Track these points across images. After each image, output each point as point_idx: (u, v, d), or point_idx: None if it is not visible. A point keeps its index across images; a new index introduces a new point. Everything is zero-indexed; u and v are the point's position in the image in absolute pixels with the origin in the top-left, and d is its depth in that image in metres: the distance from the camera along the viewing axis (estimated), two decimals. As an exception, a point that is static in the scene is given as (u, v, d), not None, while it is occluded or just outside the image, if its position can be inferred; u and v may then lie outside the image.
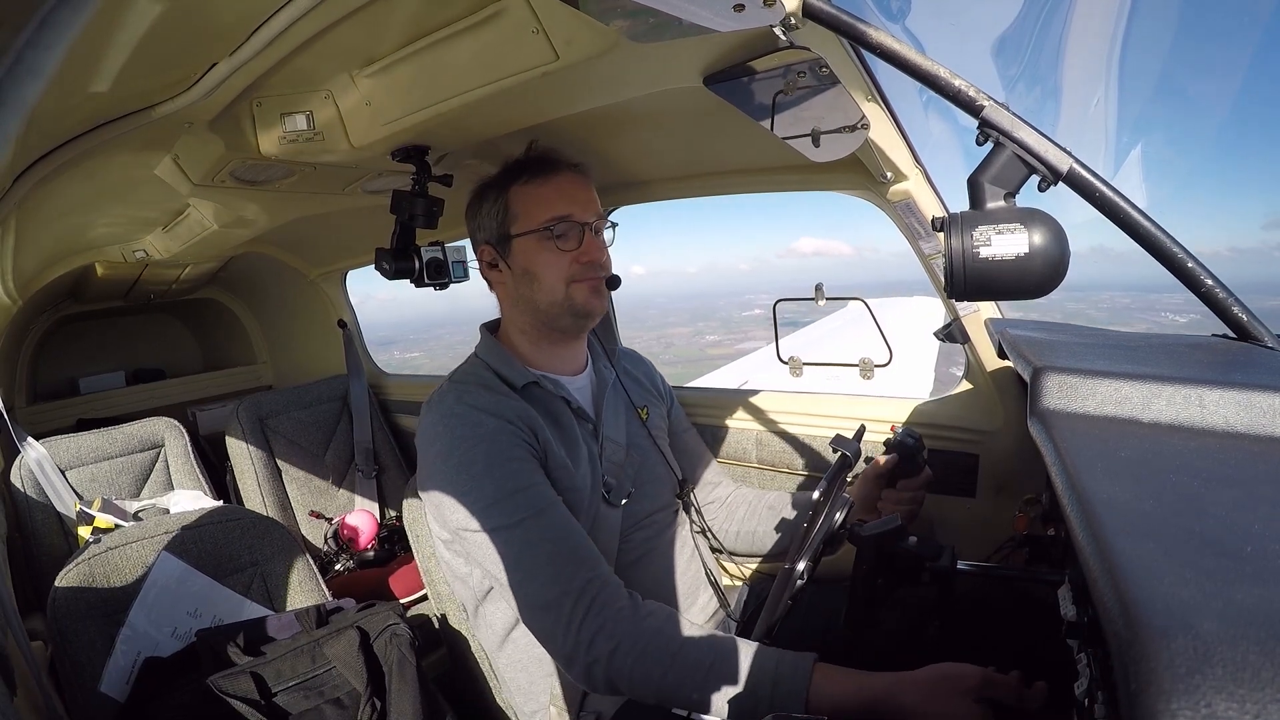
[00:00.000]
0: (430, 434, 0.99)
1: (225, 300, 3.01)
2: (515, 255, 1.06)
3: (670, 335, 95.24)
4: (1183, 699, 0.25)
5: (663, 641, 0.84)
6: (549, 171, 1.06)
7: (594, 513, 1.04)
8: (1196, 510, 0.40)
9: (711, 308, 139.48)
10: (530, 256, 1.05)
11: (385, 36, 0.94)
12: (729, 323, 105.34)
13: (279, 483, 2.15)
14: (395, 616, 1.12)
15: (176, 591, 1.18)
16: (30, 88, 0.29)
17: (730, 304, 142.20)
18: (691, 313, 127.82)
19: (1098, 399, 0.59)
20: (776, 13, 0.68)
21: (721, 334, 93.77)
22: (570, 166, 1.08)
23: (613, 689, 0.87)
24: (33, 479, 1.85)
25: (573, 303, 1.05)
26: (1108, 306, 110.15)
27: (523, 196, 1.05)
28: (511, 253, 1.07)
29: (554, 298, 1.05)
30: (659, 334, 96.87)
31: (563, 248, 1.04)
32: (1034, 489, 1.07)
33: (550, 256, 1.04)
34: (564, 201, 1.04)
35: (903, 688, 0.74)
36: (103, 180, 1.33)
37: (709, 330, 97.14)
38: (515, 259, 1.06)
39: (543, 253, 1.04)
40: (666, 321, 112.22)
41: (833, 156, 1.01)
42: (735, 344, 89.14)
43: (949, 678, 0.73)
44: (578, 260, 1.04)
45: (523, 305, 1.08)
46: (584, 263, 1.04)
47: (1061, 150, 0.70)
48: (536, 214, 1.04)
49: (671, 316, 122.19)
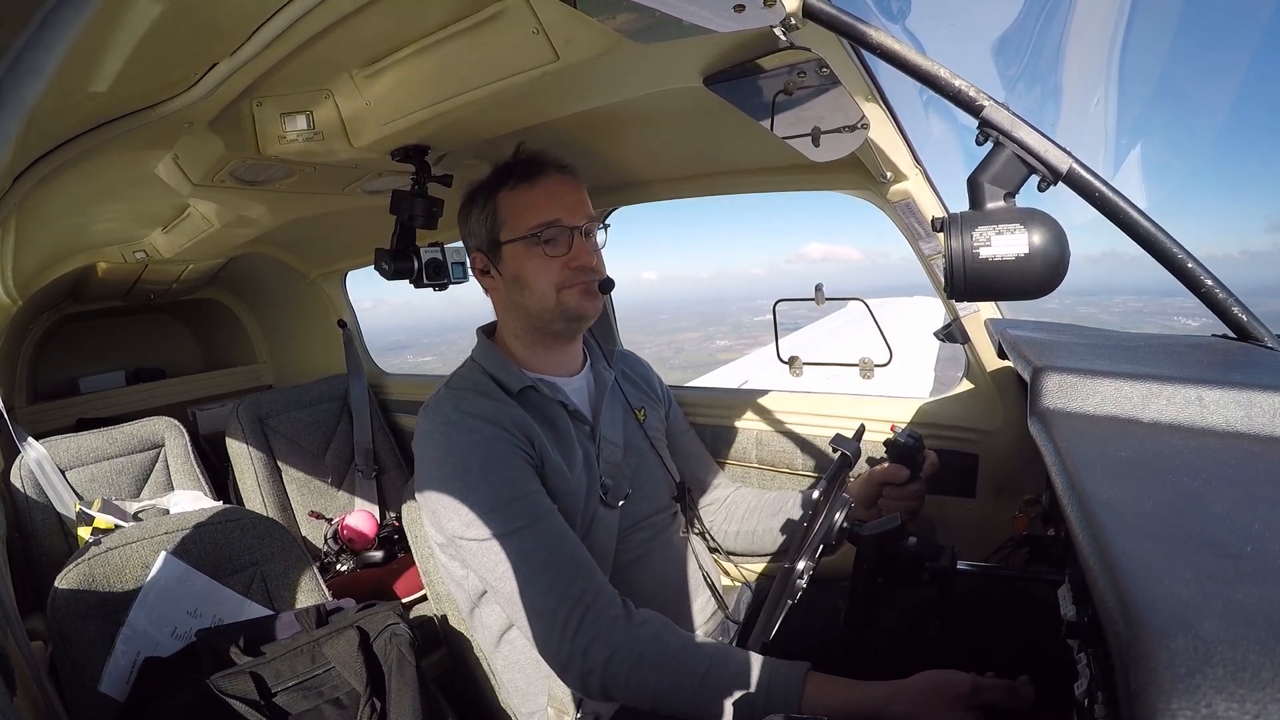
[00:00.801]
0: (427, 440, 0.99)
1: (225, 300, 3.01)
2: (505, 262, 1.06)
3: (681, 340, 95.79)
4: (1183, 699, 0.25)
5: (657, 649, 0.85)
6: (535, 175, 1.05)
7: (591, 514, 1.04)
8: (1196, 510, 0.40)
9: (723, 313, 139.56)
10: (519, 263, 1.04)
11: (385, 36, 0.94)
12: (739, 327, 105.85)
13: (279, 483, 2.15)
14: (395, 617, 1.12)
15: (176, 591, 1.18)
16: (30, 88, 0.29)
17: (742, 309, 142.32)
18: (703, 317, 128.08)
19: (1098, 399, 0.59)
20: (776, 13, 0.68)
21: (732, 338, 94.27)
22: (558, 168, 1.07)
23: (607, 696, 0.87)
24: (33, 479, 1.85)
25: (565, 307, 1.05)
26: (1120, 310, 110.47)
27: (509, 202, 1.04)
28: (502, 259, 1.06)
29: (545, 304, 1.04)
30: (670, 338, 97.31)
31: (551, 253, 1.03)
32: (1034, 489, 1.07)
33: (539, 263, 1.03)
34: (551, 206, 1.03)
35: (895, 697, 0.74)
36: (103, 180, 1.33)
37: (719, 335, 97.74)
38: (505, 265, 1.06)
39: (531, 259, 1.03)
40: (678, 326, 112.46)
41: (833, 156, 1.01)
42: (745, 349, 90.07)
43: (940, 686, 0.73)
44: (567, 265, 1.03)
45: (515, 311, 1.08)
46: (574, 268, 1.04)
47: (1061, 150, 0.70)
48: (524, 220, 1.03)
49: (683, 321, 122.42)
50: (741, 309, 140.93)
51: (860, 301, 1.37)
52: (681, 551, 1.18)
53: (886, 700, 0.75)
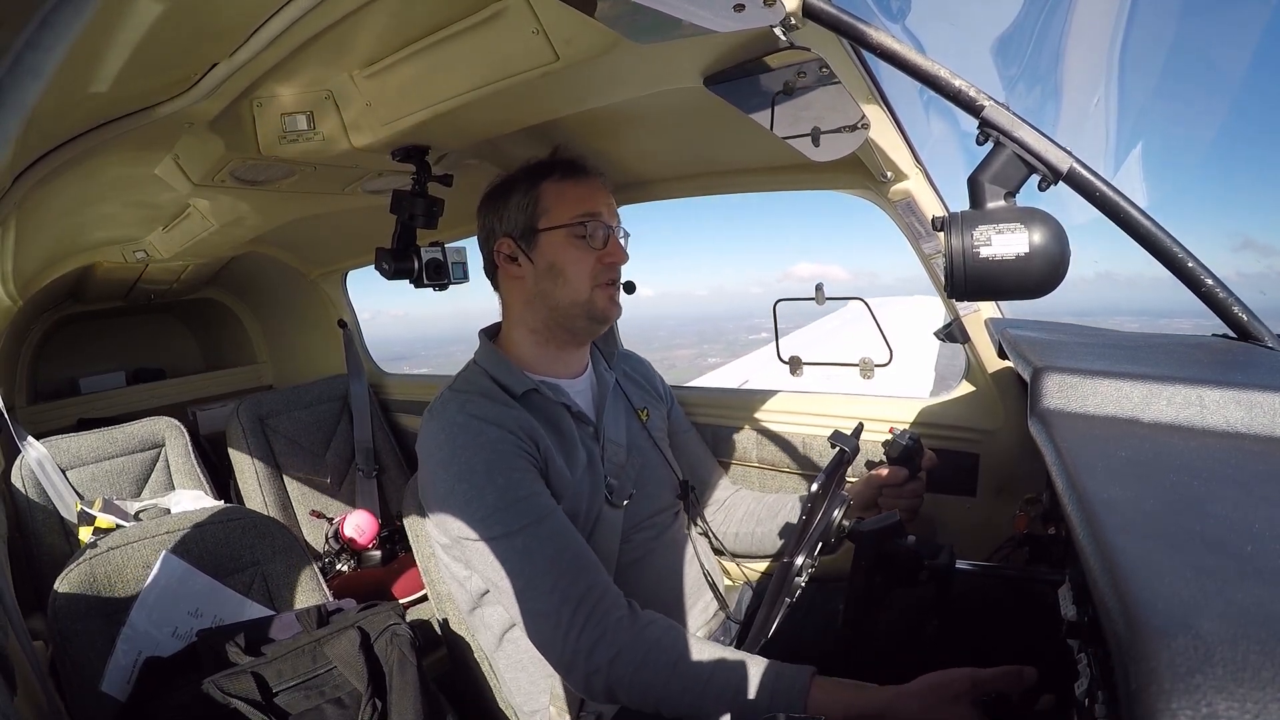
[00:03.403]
0: (431, 443, 0.99)
1: (225, 300, 3.01)
2: (541, 249, 1.07)
3: (674, 356, 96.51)
4: (1183, 699, 0.25)
5: (663, 651, 0.85)
6: (580, 174, 1.09)
7: (595, 515, 1.04)
8: (1197, 510, 0.40)
9: (719, 330, 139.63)
10: (558, 251, 1.06)
11: (385, 36, 0.94)
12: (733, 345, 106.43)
13: (279, 482, 2.15)
14: (396, 617, 1.12)
15: (177, 591, 1.18)
16: (30, 88, 0.29)
17: (738, 327, 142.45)
18: (699, 335, 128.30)
19: (1098, 399, 0.59)
20: (776, 13, 0.68)
21: (725, 356, 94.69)
22: (597, 173, 1.12)
23: (611, 698, 0.87)
24: (33, 479, 1.85)
25: (593, 306, 1.07)
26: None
27: (556, 192, 1.07)
28: (537, 246, 1.07)
29: (577, 297, 1.06)
30: (664, 355, 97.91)
31: (592, 245, 1.06)
32: (1034, 489, 1.07)
33: (578, 253, 1.06)
34: (595, 201, 1.08)
35: (900, 701, 0.74)
36: (103, 180, 1.33)
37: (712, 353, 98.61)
38: (540, 253, 1.07)
39: (571, 248, 1.06)
40: (673, 343, 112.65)
41: (833, 156, 1.01)
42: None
43: (941, 685, 0.73)
44: (602, 260, 1.06)
45: (539, 302, 1.09)
46: (607, 263, 1.07)
47: (1061, 150, 0.70)
48: (569, 209, 1.06)
49: (678, 338, 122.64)
50: (739, 327, 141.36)
51: (861, 301, 1.37)
52: (684, 551, 1.18)
53: (890, 702, 0.75)
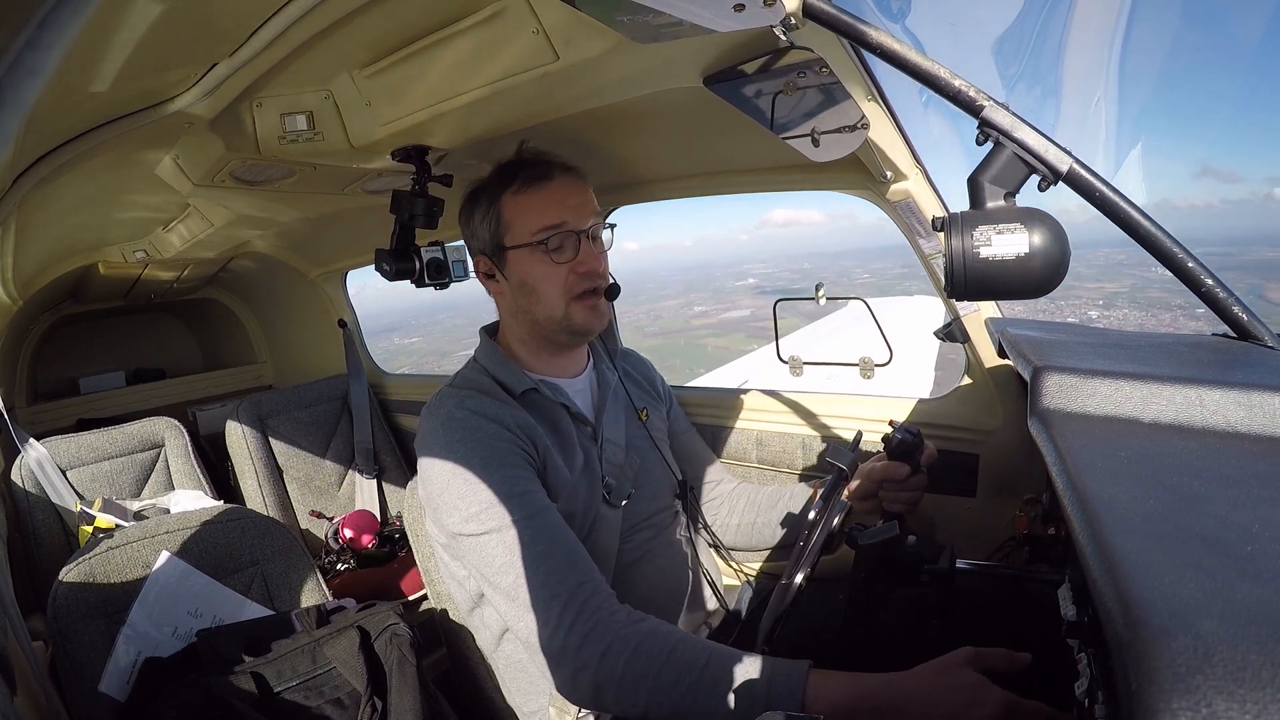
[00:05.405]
0: (430, 437, 0.99)
1: (225, 300, 3.02)
2: (511, 267, 1.04)
3: (659, 308, 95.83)
4: (1183, 699, 0.25)
5: (657, 639, 0.83)
6: (541, 177, 1.01)
7: (594, 515, 1.04)
8: (1197, 510, 0.40)
9: (707, 278, 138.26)
10: (526, 269, 1.02)
11: (385, 36, 0.94)
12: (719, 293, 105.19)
13: (279, 482, 2.15)
14: (395, 616, 1.12)
15: (177, 591, 1.18)
16: (30, 88, 0.29)
17: (726, 274, 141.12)
18: (687, 285, 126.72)
19: (1098, 399, 0.59)
20: (776, 13, 0.68)
21: (710, 304, 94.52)
22: (563, 169, 1.04)
23: (597, 701, 0.84)
24: (33, 479, 1.86)
25: (570, 322, 1.03)
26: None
27: (514, 206, 1.01)
28: (507, 264, 1.04)
29: (552, 313, 1.03)
30: (648, 307, 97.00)
31: (558, 260, 1.01)
32: (1034, 488, 1.07)
33: (546, 269, 1.01)
34: (557, 209, 1.00)
35: (902, 679, 0.73)
36: (103, 180, 1.33)
37: (698, 301, 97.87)
38: (511, 270, 1.04)
39: (538, 265, 1.01)
40: (660, 294, 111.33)
41: (833, 156, 1.01)
42: (721, 313, 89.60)
43: (940, 661, 0.72)
44: (575, 271, 1.01)
45: (521, 317, 1.07)
46: (581, 273, 1.02)
47: (1061, 150, 0.70)
48: (529, 224, 1.00)
49: (666, 289, 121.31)
50: (727, 274, 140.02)
51: (861, 301, 1.37)
52: (683, 550, 1.18)
53: (893, 685, 0.73)
